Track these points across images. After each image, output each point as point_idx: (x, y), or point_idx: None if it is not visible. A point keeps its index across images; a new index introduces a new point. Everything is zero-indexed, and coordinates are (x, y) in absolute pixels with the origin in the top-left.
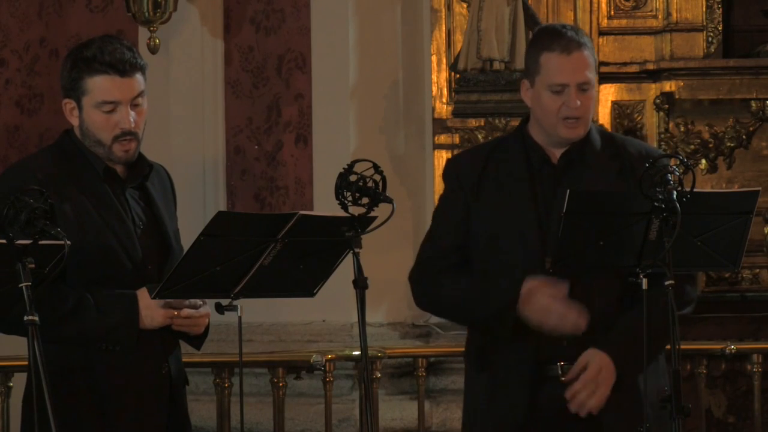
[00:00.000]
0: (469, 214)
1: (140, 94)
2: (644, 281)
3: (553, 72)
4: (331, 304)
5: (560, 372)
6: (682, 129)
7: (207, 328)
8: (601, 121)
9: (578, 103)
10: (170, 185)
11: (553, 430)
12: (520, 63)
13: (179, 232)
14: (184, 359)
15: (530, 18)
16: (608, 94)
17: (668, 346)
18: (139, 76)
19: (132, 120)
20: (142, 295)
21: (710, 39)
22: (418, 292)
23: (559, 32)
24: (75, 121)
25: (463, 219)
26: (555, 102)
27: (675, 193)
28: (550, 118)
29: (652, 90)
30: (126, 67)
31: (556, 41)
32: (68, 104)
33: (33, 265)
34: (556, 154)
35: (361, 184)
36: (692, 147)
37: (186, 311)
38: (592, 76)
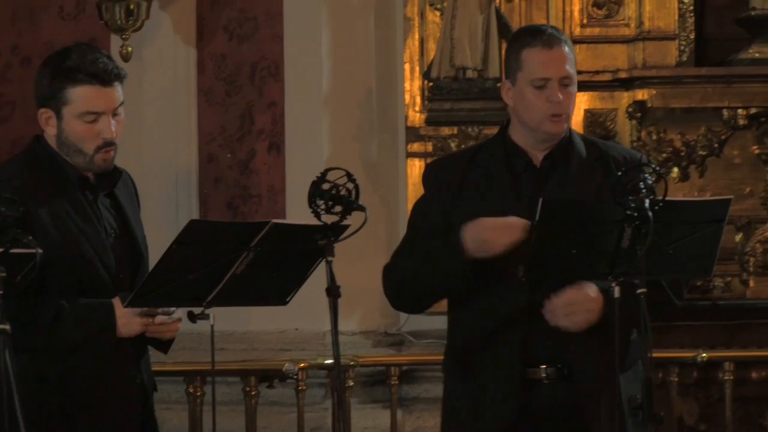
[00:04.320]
0: (448, 218)
1: (121, 104)
2: (616, 289)
3: (536, 67)
4: (303, 312)
5: (544, 375)
6: (654, 137)
7: None
8: None
9: (560, 97)
10: (134, 190)
11: None
12: (493, 71)
13: (146, 238)
14: (156, 368)
15: (503, 26)
16: (581, 102)
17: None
18: (119, 86)
19: (114, 129)
20: (118, 303)
21: (682, 47)
22: (384, 278)
23: (540, 29)
24: (52, 131)
25: (441, 223)
26: (538, 97)
27: (647, 201)
28: (535, 114)
29: (624, 98)
30: (109, 77)
31: (538, 37)
32: (45, 114)
33: (4, 274)
34: (538, 156)
35: (334, 192)
36: (664, 155)
37: (160, 318)
38: (573, 71)
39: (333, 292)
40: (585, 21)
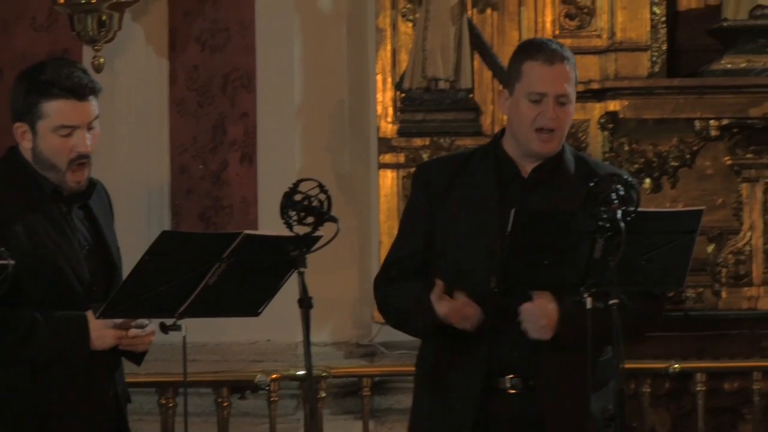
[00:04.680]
0: (433, 220)
1: (96, 118)
2: (588, 300)
3: (534, 80)
4: (275, 323)
5: (509, 385)
6: (626, 148)
7: None
8: None
9: (555, 114)
10: (108, 201)
11: None
12: (465, 82)
13: (120, 250)
14: (128, 379)
15: (475, 38)
16: None
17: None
18: (94, 100)
19: (88, 143)
20: (92, 316)
21: (655, 58)
22: (377, 298)
23: (545, 43)
24: (27, 144)
25: (426, 226)
26: (532, 111)
27: (619, 212)
28: (525, 127)
29: (596, 109)
30: (84, 92)
31: (541, 51)
32: (20, 128)
33: None
34: (527, 168)
35: (306, 203)
36: (636, 166)
37: (133, 331)
38: (572, 91)
39: (305, 303)
40: (557, 32)
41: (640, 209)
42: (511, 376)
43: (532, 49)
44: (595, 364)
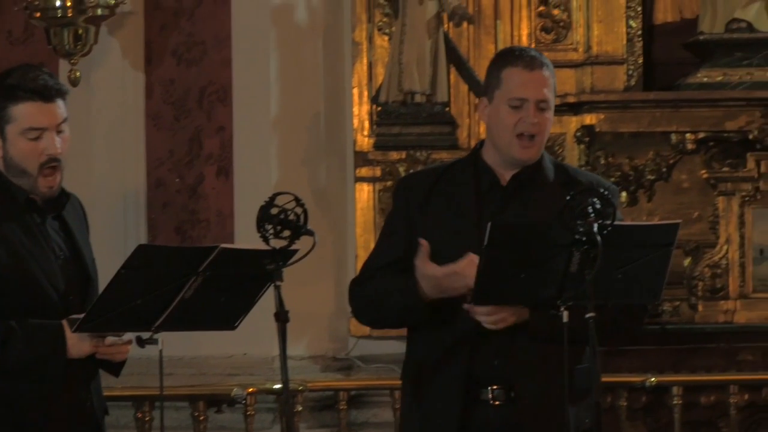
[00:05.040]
0: (413, 230)
1: (64, 120)
2: (565, 314)
3: (514, 86)
4: (252, 337)
5: (491, 396)
6: (602, 162)
7: None
8: None
9: (535, 119)
10: (83, 213)
11: None
12: (441, 96)
13: (95, 261)
14: (105, 393)
15: (451, 51)
16: None
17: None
18: (62, 102)
19: (58, 146)
20: (68, 325)
21: (631, 72)
22: (351, 296)
23: (524, 50)
24: None
25: (406, 236)
26: (512, 117)
27: (595, 225)
28: (505, 134)
29: (572, 123)
30: (50, 93)
31: (521, 58)
32: None
33: None
34: (506, 177)
35: (282, 216)
36: (613, 180)
37: (110, 339)
38: (552, 97)
39: (281, 316)
40: (533, 45)
41: (616, 222)
42: (494, 387)
43: (511, 56)
44: (572, 371)
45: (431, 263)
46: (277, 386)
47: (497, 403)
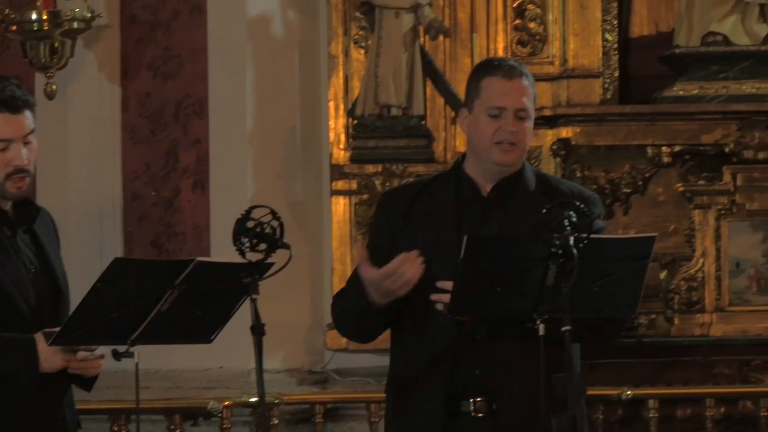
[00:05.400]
0: (395, 242)
1: (32, 132)
2: (541, 327)
3: (493, 95)
4: (228, 350)
5: (472, 408)
6: (578, 175)
7: None
8: None
9: (514, 128)
10: (54, 228)
11: None
12: (417, 109)
13: (66, 275)
14: (80, 406)
15: (428, 64)
16: None
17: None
18: (29, 114)
19: (24, 157)
20: (40, 338)
21: (607, 85)
22: (331, 311)
23: (503, 60)
24: None
25: (388, 248)
26: (491, 126)
27: (571, 239)
28: (485, 142)
29: (548, 136)
30: (17, 104)
31: (499, 68)
32: None
33: None
34: (487, 188)
35: (258, 230)
36: None
37: (82, 354)
38: (531, 107)
39: (257, 330)
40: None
41: (592, 236)
42: (478, 398)
43: (490, 66)
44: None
45: (371, 268)
46: (254, 399)
47: (480, 415)
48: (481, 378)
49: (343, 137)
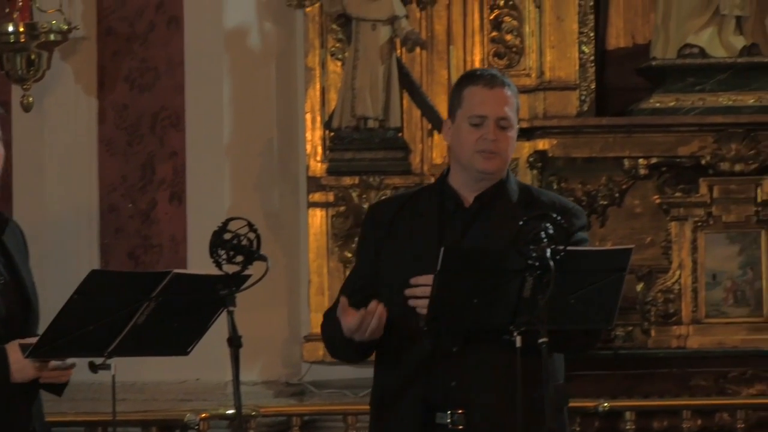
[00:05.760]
0: (380, 254)
1: None
2: (518, 339)
3: (474, 104)
4: (205, 362)
5: (449, 420)
6: (555, 187)
7: None
8: None
9: (495, 136)
10: (23, 239)
11: None
12: (394, 121)
13: (35, 286)
14: (56, 418)
15: (404, 76)
16: None
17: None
18: None
19: None
20: (12, 349)
21: (583, 97)
22: (320, 330)
23: (486, 70)
24: None
25: (372, 261)
26: (473, 135)
27: (548, 251)
28: (467, 150)
29: (525, 148)
30: None
31: (481, 77)
32: None
33: None
34: (470, 199)
35: (235, 242)
36: None
37: (53, 363)
38: (513, 116)
39: (234, 342)
40: None
41: (569, 248)
42: (456, 411)
43: (472, 76)
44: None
45: (349, 316)
46: (230, 411)
47: (460, 427)
48: (458, 390)
49: (320, 149)
